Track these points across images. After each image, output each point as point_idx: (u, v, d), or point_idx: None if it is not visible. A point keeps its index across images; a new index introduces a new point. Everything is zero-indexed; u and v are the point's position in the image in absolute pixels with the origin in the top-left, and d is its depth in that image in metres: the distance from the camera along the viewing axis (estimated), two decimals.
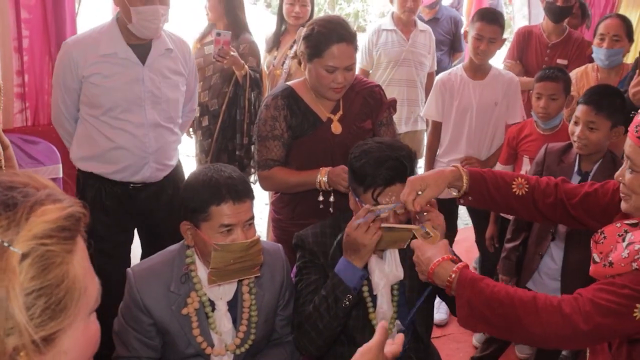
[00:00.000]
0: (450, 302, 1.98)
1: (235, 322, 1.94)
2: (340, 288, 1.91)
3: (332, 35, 2.35)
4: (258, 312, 1.96)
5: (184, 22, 6.57)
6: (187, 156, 5.90)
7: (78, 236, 0.81)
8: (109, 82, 2.69)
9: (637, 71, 2.49)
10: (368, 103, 2.57)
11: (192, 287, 1.89)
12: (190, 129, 4.09)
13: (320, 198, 2.46)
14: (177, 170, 3.06)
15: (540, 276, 2.71)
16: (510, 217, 3.12)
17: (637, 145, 1.46)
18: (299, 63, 2.53)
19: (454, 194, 1.87)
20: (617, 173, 1.56)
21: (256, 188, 4.19)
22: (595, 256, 1.54)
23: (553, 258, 2.64)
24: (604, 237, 1.53)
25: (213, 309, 1.92)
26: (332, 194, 2.45)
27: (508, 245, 2.80)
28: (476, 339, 3.38)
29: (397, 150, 1.96)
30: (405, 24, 4.22)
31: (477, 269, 3.76)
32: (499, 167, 3.24)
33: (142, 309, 1.85)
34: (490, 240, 3.31)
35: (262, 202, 5.14)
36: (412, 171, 1.97)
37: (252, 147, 4.02)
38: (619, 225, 1.52)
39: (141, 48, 2.74)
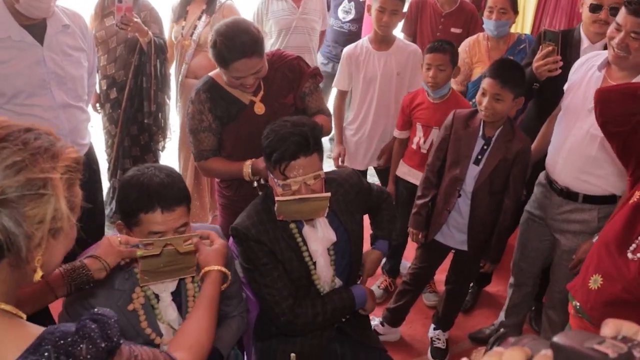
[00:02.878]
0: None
1: (181, 309, 1.97)
2: (350, 305, 2.27)
3: (234, 52, 2.39)
4: None
5: None
6: (91, 127, 5.74)
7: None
8: (7, 68, 2.57)
9: (540, 47, 2.73)
10: (287, 77, 2.67)
11: (136, 282, 1.88)
12: (97, 104, 4.04)
13: (255, 185, 2.58)
14: (90, 150, 3.03)
15: (449, 229, 2.99)
16: (410, 180, 3.42)
17: None
18: None
19: None
20: None
21: (162, 157, 4.26)
22: None
23: (461, 213, 2.93)
24: None
25: (158, 301, 1.93)
26: (265, 185, 2.54)
27: (419, 202, 3.05)
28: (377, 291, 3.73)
29: (300, 126, 2.09)
30: None
31: None
32: (396, 133, 3.47)
33: (86, 307, 1.80)
34: None
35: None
36: (317, 143, 2.10)
37: (160, 114, 4.04)
38: None
39: (36, 28, 2.62)
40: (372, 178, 4.54)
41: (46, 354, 1.01)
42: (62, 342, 1.04)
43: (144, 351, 1.26)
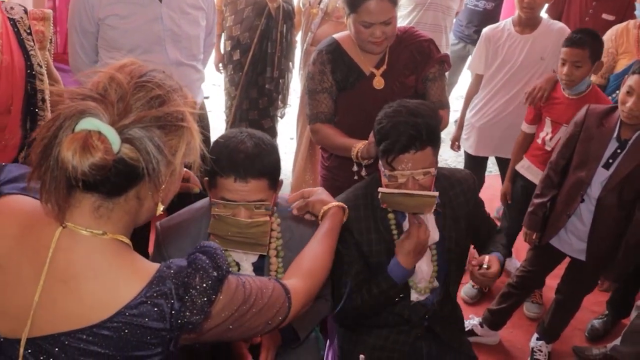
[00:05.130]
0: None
1: None
2: (395, 289, 2.06)
3: None
4: None
5: None
6: (213, 85, 5.90)
7: None
8: (126, 23, 2.60)
9: None
10: (414, 58, 2.53)
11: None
12: (220, 64, 4.08)
13: (355, 168, 2.45)
14: (201, 110, 3.02)
15: (567, 235, 2.73)
16: (528, 176, 3.16)
17: None
18: None
19: None
20: None
21: (281, 123, 4.27)
22: None
23: (582, 219, 2.66)
24: None
25: (239, 269, 1.90)
26: (363, 168, 2.42)
27: (536, 201, 2.80)
28: (465, 293, 3.50)
29: (416, 116, 1.93)
30: None
31: (498, 219, 3.80)
32: (524, 126, 3.20)
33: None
34: (503, 196, 3.34)
35: (287, 137, 5.17)
36: (432, 137, 1.95)
37: (282, 80, 4.02)
38: None
39: None
40: (494, 167, 4.30)
41: (168, 284, 1.11)
42: (179, 274, 1.13)
43: (252, 279, 1.31)
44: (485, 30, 3.44)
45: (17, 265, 1.13)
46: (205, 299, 1.13)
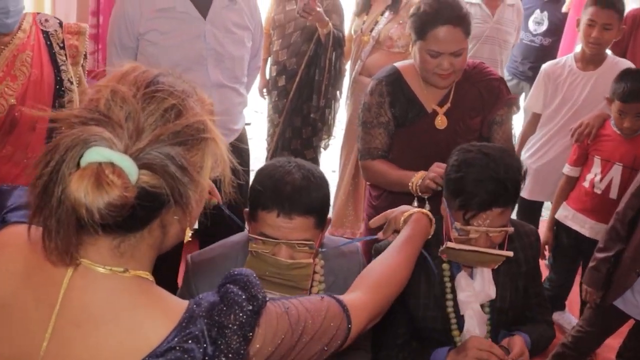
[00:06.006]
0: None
1: None
2: None
3: (438, 16, 2.13)
4: None
5: None
6: (255, 112, 5.81)
7: None
8: (167, 39, 2.48)
9: None
10: (482, 98, 2.33)
11: None
12: (264, 89, 3.96)
13: (415, 204, 2.21)
14: (242, 136, 2.85)
15: (634, 296, 2.46)
16: (573, 226, 2.93)
17: None
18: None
19: None
20: None
21: (324, 155, 4.11)
22: None
23: None
24: None
25: None
26: (427, 202, 2.20)
27: (599, 255, 2.53)
28: None
29: (502, 170, 1.71)
30: None
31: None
32: (566, 169, 2.98)
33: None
34: (543, 246, 3.06)
35: (329, 169, 5.00)
36: (516, 195, 1.75)
37: (327, 110, 3.88)
38: None
39: (202, 0, 2.51)
40: (546, 212, 4.05)
41: (199, 324, 0.95)
42: (211, 312, 0.97)
43: (298, 302, 1.14)
44: (544, 66, 3.25)
45: (23, 306, 0.96)
46: (241, 339, 0.97)
